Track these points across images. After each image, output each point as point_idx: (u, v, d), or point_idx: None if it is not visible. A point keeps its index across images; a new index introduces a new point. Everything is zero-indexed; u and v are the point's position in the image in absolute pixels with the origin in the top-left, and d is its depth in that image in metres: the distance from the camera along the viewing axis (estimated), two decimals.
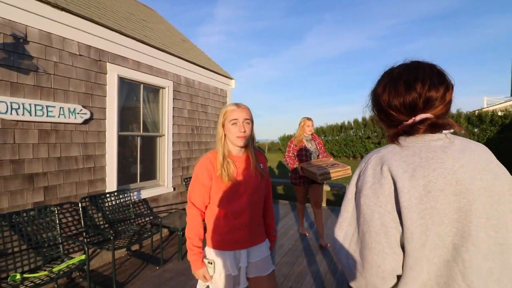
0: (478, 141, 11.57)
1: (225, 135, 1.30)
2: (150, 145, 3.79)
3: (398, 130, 0.72)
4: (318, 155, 3.39)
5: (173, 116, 3.96)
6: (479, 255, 0.59)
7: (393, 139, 0.72)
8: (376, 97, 0.78)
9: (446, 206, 0.61)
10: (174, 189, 3.94)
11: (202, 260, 1.28)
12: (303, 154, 3.30)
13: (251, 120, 1.31)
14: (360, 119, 16.51)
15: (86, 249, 2.19)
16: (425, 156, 0.65)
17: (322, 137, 18.17)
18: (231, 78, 5.49)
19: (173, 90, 3.97)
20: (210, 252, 1.31)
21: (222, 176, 1.25)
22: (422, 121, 0.68)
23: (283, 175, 10.48)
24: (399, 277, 0.65)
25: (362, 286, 0.68)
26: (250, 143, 1.35)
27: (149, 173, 3.75)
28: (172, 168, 3.93)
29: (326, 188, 5.34)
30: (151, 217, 3.47)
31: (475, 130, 11.99)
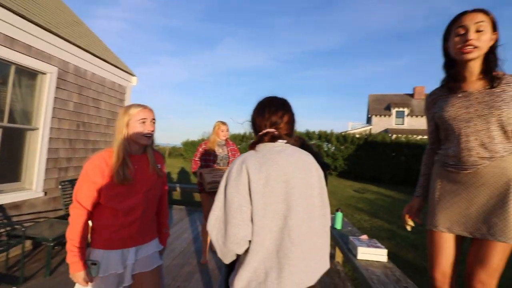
0: (342, 155, 14.85)
1: (128, 134, 1.31)
2: (15, 140, 3.11)
3: (255, 140, 1.07)
4: (228, 162, 3.14)
5: (53, 108, 3.39)
6: (298, 220, 0.95)
7: (251, 147, 1.06)
8: (252, 118, 1.14)
9: (279, 190, 0.95)
10: (46, 193, 3.33)
11: (84, 262, 1.24)
12: (210, 159, 3.04)
13: (155, 120, 1.39)
14: None
15: None
16: (268, 157, 0.98)
17: None
18: (133, 75, 5.15)
19: (58, 78, 3.42)
20: (95, 253, 1.28)
21: (118, 176, 1.25)
22: (266, 134, 1.04)
23: (182, 180, 10.30)
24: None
25: (225, 253, 0.95)
26: (151, 143, 1.41)
27: (11, 173, 3.06)
28: (46, 169, 3.33)
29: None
30: (9, 228, 2.83)
31: (342, 147, 15.27)
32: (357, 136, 15.41)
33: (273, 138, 1.03)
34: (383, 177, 13.46)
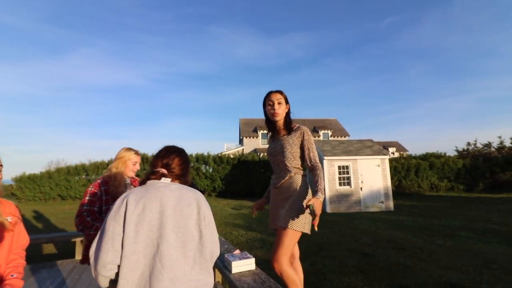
0: (219, 175, 15.63)
1: None
2: None
3: (144, 177, 1.23)
4: None
5: None
6: (170, 247, 1.08)
7: (141, 183, 1.21)
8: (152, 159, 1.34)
9: (154, 219, 1.09)
10: None
11: None
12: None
13: None
14: None
15: None
16: (149, 191, 1.15)
17: (84, 176, 15.73)
18: None
19: None
20: None
21: None
22: (154, 172, 1.24)
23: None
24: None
25: (96, 276, 1.04)
26: None
27: None
28: None
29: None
30: None
31: (219, 167, 16.10)
32: (232, 156, 16.77)
33: (160, 176, 1.21)
34: (255, 192, 15.15)
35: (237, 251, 2.77)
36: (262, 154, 20.24)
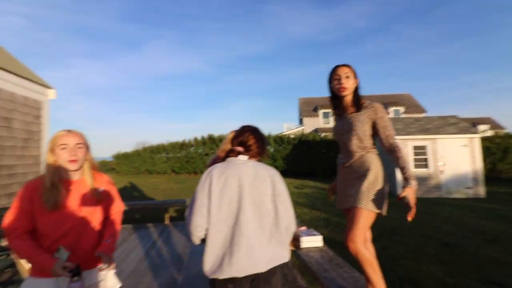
0: (281, 155, 15.84)
1: (56, 160, 1.30)
2: None
3: (225, 155, 1.36)
4: None
5: None
6: (247, 219, 1.21)
7: (223, 160, 1.36)
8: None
9: (233, 193, 1.23)
10: None
11: (51, 256, 1.21)
12: None
13: (84, 144, 1.36)
14: (199, 137, 17.89)
15: None
16: (229, 167, 1.29)
17: (164, 154, 17.96)
18: (49, 87, 4.60)
19: None
20: (28, 281, 1.25)
21: (47, 203, 1.22)
22: (232, 151, 1.36)
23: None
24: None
25: (190, 235, 1.26)
26: (86, 167, 1.38)
27: None
28: None
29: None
30: None
31: (280, 147, 16.29)
32: (292, 136, 16.69)
33: (237, 154, 1.34)
34: (317, 172, 14.91)
35: (304, 228, 2.84)
36: (323, 134, 19.55)
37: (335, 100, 1.84)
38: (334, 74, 1.76)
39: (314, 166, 15.16)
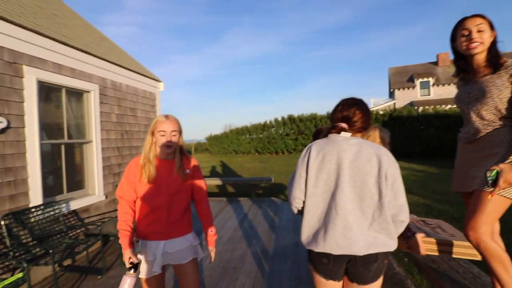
0: None
1: (154, 142, 1.51)
2: (76, 153, 3.55)
3: (327, 131, 1.31)
4: None
5: (101, 121, 3.78)
6: (345, 198, 1.16)
7: (324, 136, 1.32)
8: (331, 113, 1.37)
9: (331, 169, 1.20)
10: (106, 197, 3.79)
11: (131, 242, 1.48)
12: None
13: (178, 131, 1.52)
14: (280, 118, 18.19)
15: (24, 265, 2.05)
16: (329, 143, 1.24)
17: (248, 135, 19.15)
18: (159, 81, 5.47)
19: (100, 94, 3.80)
20: (138, 240, 1.56)
21: (143, 177, 1.47)
22: (333, 127, 1.28)
23: (212, 174, 10.76)
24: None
25: (290, 205, 1.34)
26: (177, 150, 1.54)
27: (77, 182, 3.52)
28: (103, 175, 3.77)
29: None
30: (84, 228, 3.29)
31: None
32: (381, 112, 14.98)
33: (339, 130, 1.26)
34: (413, 152, 13.09)
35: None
36: (420, 107, 16.76)
37: (460, 61, 1.49)
38: (460, 28, 1.42)
39: (409, 146, 13.32)
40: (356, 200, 1.15)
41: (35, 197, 2.77)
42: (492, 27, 1.38)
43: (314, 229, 1.22)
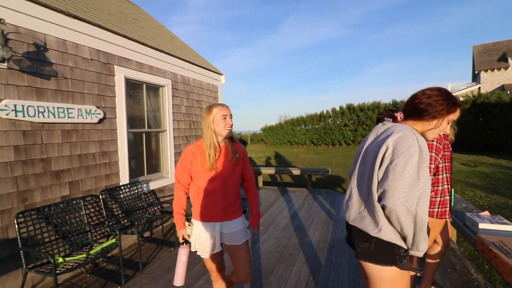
0: None
1: (214, 129, 1.56)
2: (153, 140, 4.07)
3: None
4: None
5: (173, 113, 4.23)
6: (355, 175, 1.28)
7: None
8: None
9: (360, 149, 1.33)
10: None
11: (183, 223, 1.66)
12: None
13: (232, 116, 1.64)
14: (337, 108, 17.33)
15: (118, 233, 2.51)
16: (374, 129, 1.32)
17: (303, 126, 18.83)
18: (221, 74, 5.78)
19: (172, 88, 4.23)
20: (195, 222, 1.66)
21: (207, 163, 1.53)
22: (381, 113, 1.40)
23: (268, 163, 10.98)
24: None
25: None
26: (231, 135, 1.64)
27: (154, 166, 4.05)
28: (175, 161, 4.24)
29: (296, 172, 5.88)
30: (160, 206, 3.80)
31: None
32: (461, 98, 12.94)
33: (384, 117, 1.39)
34: (503, 146, 11.03)
35: (486, 213, 2.27)
36: None
37: None
38: None
39: (498, 138, 11.25)
40: (359, 179, 1.24)
41: (124, 177, 3.30)
42: None
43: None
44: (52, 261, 2.02)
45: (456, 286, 2.28)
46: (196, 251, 1.65)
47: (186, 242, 1.68)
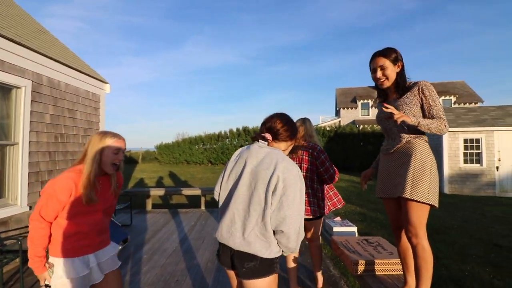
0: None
1: (100, 160, 1.42)
2: None
3: (252, 139, 1.43)
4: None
5: (30, 122, 3.36)
6: (239, 197, 1.28)
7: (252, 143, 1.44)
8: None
9: (238, 171, 1.36)
10: (31, 208, 3.32)
11: (45, 265, 1.37)
12: None
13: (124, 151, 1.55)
14: (234, 130, 18.33)
15: None
16: (246, 150, 1.40)
17: (201, 145, 18.77)
18: (106, 82, 5.12)
19: (32, 91, 3.39)
20: (56, 261, 1.39)
21: (86, 198, 1.37)
22: (255, 137, 1.40)
23: (159, 184, 10.23)
24: None
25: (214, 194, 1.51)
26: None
27: None
28: (28, 183, 3.31)
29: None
30: (0, 244, 2.82)
31: None
32: (328, 128, 16.23)
33: (258, 139, 1.39)
34: (353, 166, 14.39)
35: (338, 218, 2.85)
36: (361, 126, 18.68)
37: (377, 88, 1.71)
38: (371, 64, 1.65)
39: (350, 160, 14.65)
40: (247, 201, 1.25)
41: None
42: (396, 59, 1.59)
43: (220, 218, 1.37)
44: None
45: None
46: None
47: (49, 286, 1.42)
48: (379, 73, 1.60)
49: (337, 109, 27.93)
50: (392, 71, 1.60)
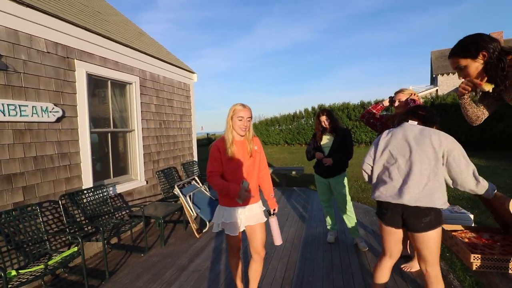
0: None
1: (232, 125, 1.80)
2: (120, 141, 3.84)
3: (397, 122, 1.74)
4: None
5: (141, 111, 4.03)
6: (416, 160, 1.50)
7: (397, 124, 1.73)
8: None
9: (400, 141, 1.62)
10: (147, 182, 4.07)
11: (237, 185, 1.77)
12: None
13: (251, 118, 1.85)
14: (310, 109, 17.79)
15: (80, 240, 2.31)
16: (398, 127, 1.66)
17: (277, 127, 19.07)
18: (193, 72, 5.64)
19: (140, 86, 4.03)
20: (220, 208, 1.86)
21: (228, 153, 1.77)
22: (403, 119, 1.73)
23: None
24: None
25: (362, 170, 1.80)
26: (247, 132, 1.86)
27: (122, 168, 3.82)
28: (144, 162, 4.04)
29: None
30: (128, 210, 3.59)
31: None
32: (421, 100, 13.94)
33: (407, 119, 1.68)
34: (459, 143, 12.04)
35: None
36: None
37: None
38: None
39: (453, 136, 12.28)
40: (421, 162, 1.49)
41: (87, 180, 3.07)
42: (473, 53, 1.24)
43: (379, 185, 1.61)
44: (2, 275, 1.80)
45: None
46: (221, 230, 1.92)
47: (272, 213, 1.99)
48: (460, 77, 1.35)
49: (433, 76, 23.52)
50: (475, 68, 1.27)
